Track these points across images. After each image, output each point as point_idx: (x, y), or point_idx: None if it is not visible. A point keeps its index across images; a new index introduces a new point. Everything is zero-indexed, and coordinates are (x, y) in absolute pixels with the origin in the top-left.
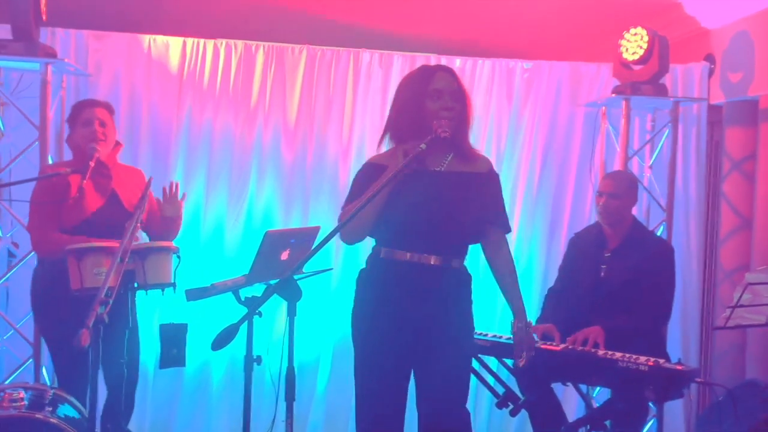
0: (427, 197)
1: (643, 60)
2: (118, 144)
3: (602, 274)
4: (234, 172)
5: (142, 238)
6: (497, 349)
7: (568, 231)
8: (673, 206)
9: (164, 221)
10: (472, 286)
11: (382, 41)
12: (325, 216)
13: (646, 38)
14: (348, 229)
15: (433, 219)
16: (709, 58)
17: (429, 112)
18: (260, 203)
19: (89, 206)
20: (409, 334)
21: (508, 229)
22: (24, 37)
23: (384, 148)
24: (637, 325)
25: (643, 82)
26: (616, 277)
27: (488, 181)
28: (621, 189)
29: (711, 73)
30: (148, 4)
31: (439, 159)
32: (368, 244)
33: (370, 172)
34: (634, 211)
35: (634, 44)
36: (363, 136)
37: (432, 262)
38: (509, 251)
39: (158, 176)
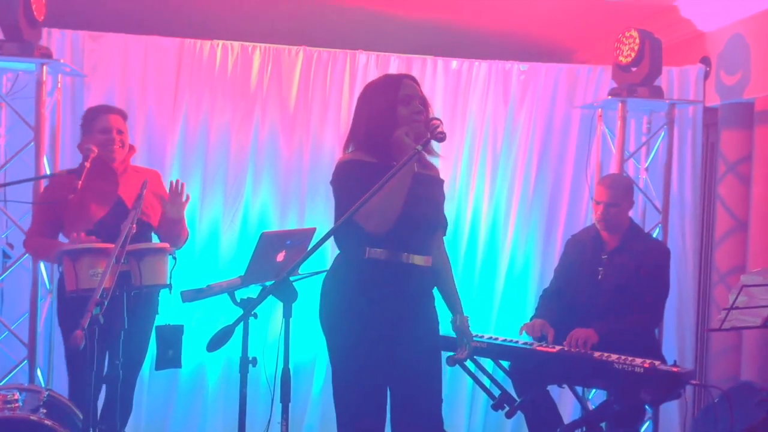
0: (413, 197)
1: (635, 62)
2: (131, 148)
3: (599, 276)
4: (230, 173)
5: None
6: (493, 350)
7: (564, 233)
8: (669, 208)
9: (168, 223)
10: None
11: (378, 42)
12: (321, 217)
13: (637, 40)
14: (377, 219)
15: (421, 219)
16: (705, 60)
17: (401, 117)
18: (256, 205)
19: (93, 215)
20: (395, 335)
21: (445, 232)
22: (14, 36)
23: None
24: (631, 326)
25: (637, 84)
26: (614, 279)
27: (442, 187)
28: (618, 197)
29: (707, 75)
30: (145, 5)
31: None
32: None
33: (360, 167)
34: (631, 212)
35: (627, 47)
36: None
37: (417, 262)
38: (446, 251)
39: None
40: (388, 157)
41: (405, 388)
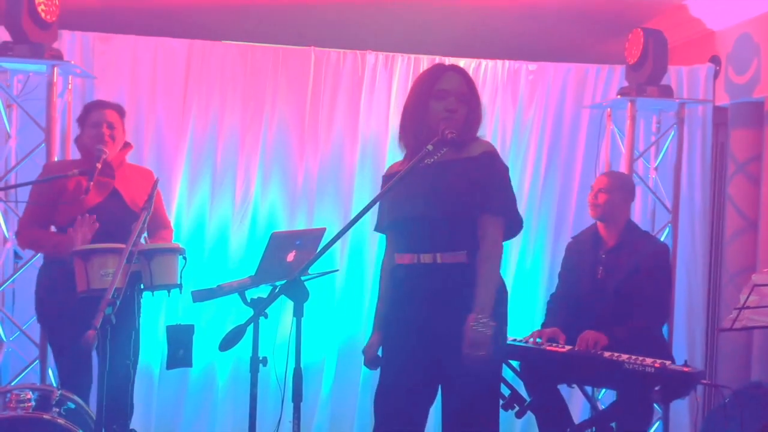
0: (412, 193)
1: (640, 61)
2: (128, 145)
3: (599, 275)
4: (239, 173)
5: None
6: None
7: (572, 233)
8: (679, 208)
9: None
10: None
11: (387, 43)
12: (330, 217)
13: (642, 39)
14: None
15: (419, 215)
16: (715, 59)
17: (432, 113)
18: (266, 205)
19: (86, 202)
20: (425, 342)
21: (498, 213)
22: (21, 38)
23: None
24: (636, 325)
25: (642, 83)
26: (613, 277)
27: (479, 164)
28: (612, 185)
29: (716, 74)
30: (154, 7)
31: (432, 153)
32: (374, 246)
33: (384, 184)
34: (640, 212)
35: (634, 46)
36: (368, 137)
37: (427, 261)
38: (493, 238)
39: (164, 178)
40: (417, 150)
41: (447, 395)
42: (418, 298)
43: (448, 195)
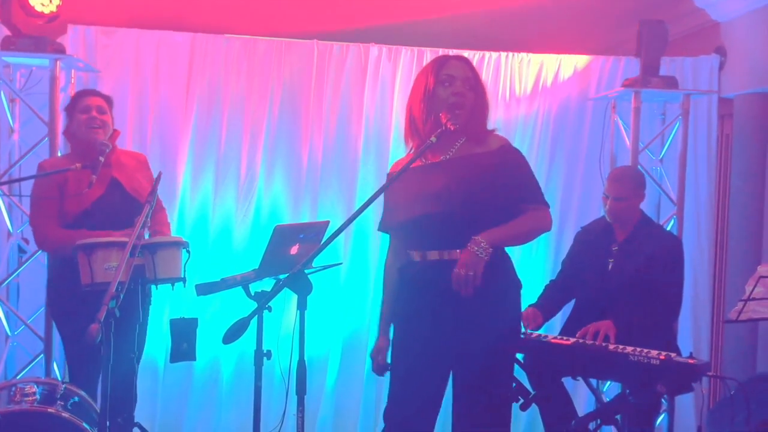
0: (427, 190)
1: (638, 52)
2: (115, 131)
3: (609, 267)
4: (243, 167)
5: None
6: None
7: (575, 226)
8: (684, 200)
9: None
10: (513, 276)
11: (390, 36)
12: (334, 210)
13: (638, 31)
14: None
15: (435, 212)
16: (720, 50)
17: (440, 100)
18: (269, 198)
19: (89, 196)
20: (444, 336)
21: (542, 203)
22: (15, 32)
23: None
24: (647, 318)
25: (643, 73)
26: (624, 270)
27: (501, 158)
28: (626, 192)
29: (721, 65)
30: (156, 0)
31: (447, 148)
32: (377, 238)
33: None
34: (645, 204)
35: (636, 37)
36: (372, 129)
37: (447, 257)
38: (540, 219)
39: (167, 171)
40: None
41: (460, 390)
42: (439, 296)
43: (474, 189)
